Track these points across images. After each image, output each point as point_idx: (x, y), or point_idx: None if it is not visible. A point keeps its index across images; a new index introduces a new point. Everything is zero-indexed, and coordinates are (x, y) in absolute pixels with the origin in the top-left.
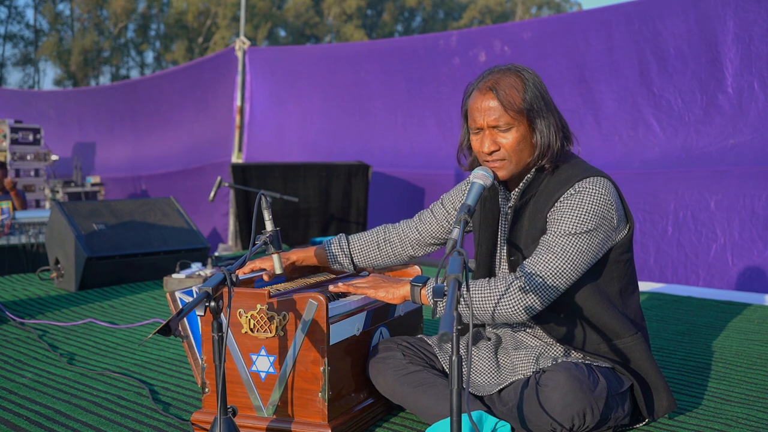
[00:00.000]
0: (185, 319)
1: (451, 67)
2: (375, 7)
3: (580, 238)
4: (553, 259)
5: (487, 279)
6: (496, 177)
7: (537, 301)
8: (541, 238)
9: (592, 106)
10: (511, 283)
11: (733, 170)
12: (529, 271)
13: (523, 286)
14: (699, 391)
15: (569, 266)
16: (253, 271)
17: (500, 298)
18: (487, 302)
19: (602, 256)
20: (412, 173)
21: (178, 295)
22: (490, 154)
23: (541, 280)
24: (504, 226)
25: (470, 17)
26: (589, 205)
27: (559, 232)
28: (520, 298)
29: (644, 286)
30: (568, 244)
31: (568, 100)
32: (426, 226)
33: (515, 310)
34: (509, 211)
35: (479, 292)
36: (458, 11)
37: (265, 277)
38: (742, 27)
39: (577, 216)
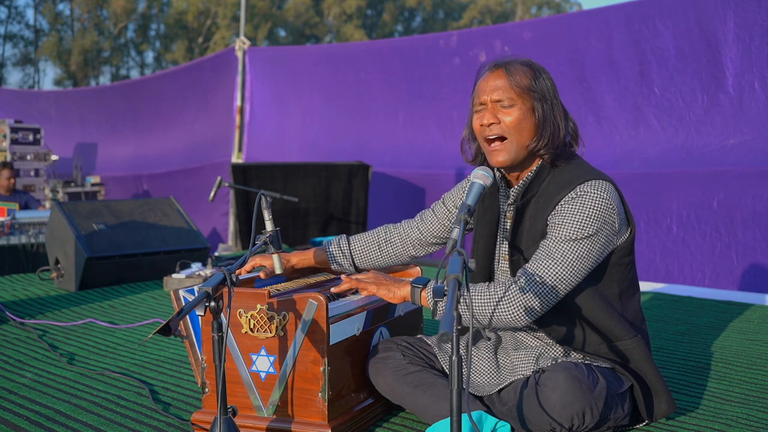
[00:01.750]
0: (187, 318)
1: (452, 67)
2: (375, 7)
3: (580, 243)
4: (554, 266)
5: (487, 284)
6: (494, 174)
7: (537, 306)
8: (541, 242)
9: (593, 106)
10: (509, 288)
11: (734, 170)
12: (529, 277)
13: (523, 291)
14: (699, 391)
15: (570, 272)
16: (254, 267)
17: (500, 303)
18: (486, 307)
19: (603, 260)
20: (412, 173)
21: (182, 293)
22: (489, 126)
23: (541, 286)
24: (504, 224)
25: (470, 17)
26: (590, 210)
27: (560, 238)
28: (520, 304)
29: (645, 286)
30: (569, 250)
31: (568, 100)
32: (428, 225)
33: (515, 315)
34: (510, 210)
35: (479, 296)
36: (458, 11)
37: (262, 275)
38: (742, 27)
39: (578, 221)
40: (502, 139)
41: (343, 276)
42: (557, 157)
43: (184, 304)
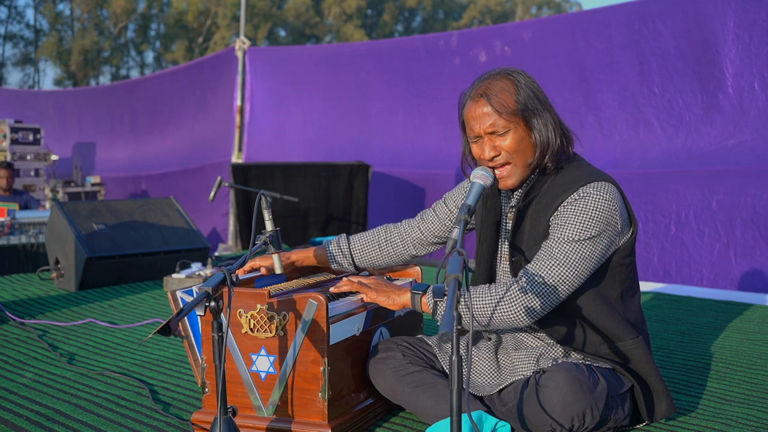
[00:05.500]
0: (185, 318)
1: (452, 67)
2: (375, 7)
3: (583, 244)
4: (556, 266)
5: (488, 285)
6: (496, 181)
7: (538, 306)
8: (543, 243)
9: (593, 107)
10: (510, 288)
11: (734, 170)
12: (530, 278)
13: (523, 291)
14: (699, 391)
15: (572, 273)
16: (253, 269)
17: (501, 304)
18: (487, 307)
19: (605, 261)
20: (412, 173)
21: (179, 294)
22: (492, 159)
23: (542, 286)
24: (506, 225)
25: (470, 17)
26: (593, 212)
27: (562, 239)
28: (521, 304)
29: (645, 286)
30: (571, 251)
31: (568, 101)
32: (428, 224)
33: (515, 315)
34: (512, 211)
35: (480, 297)
36: (458, 11)
37: (263, 270)
38: (742, 27)
39: (580, 222)
40: (506, 163)
41: (344, 278)
42: (559, 161)
43: (181, 305)
